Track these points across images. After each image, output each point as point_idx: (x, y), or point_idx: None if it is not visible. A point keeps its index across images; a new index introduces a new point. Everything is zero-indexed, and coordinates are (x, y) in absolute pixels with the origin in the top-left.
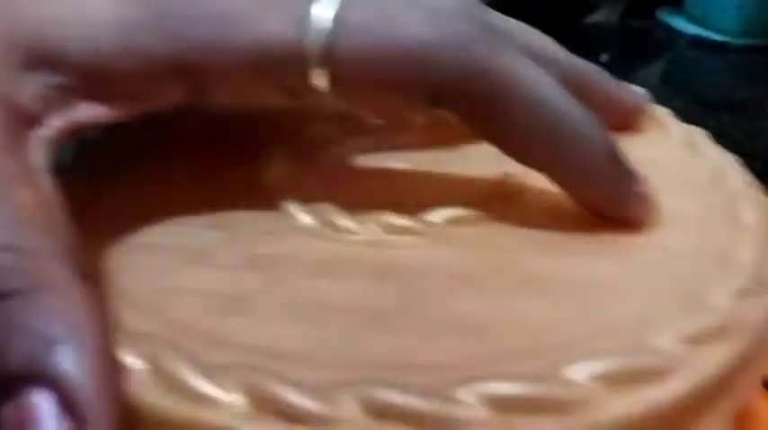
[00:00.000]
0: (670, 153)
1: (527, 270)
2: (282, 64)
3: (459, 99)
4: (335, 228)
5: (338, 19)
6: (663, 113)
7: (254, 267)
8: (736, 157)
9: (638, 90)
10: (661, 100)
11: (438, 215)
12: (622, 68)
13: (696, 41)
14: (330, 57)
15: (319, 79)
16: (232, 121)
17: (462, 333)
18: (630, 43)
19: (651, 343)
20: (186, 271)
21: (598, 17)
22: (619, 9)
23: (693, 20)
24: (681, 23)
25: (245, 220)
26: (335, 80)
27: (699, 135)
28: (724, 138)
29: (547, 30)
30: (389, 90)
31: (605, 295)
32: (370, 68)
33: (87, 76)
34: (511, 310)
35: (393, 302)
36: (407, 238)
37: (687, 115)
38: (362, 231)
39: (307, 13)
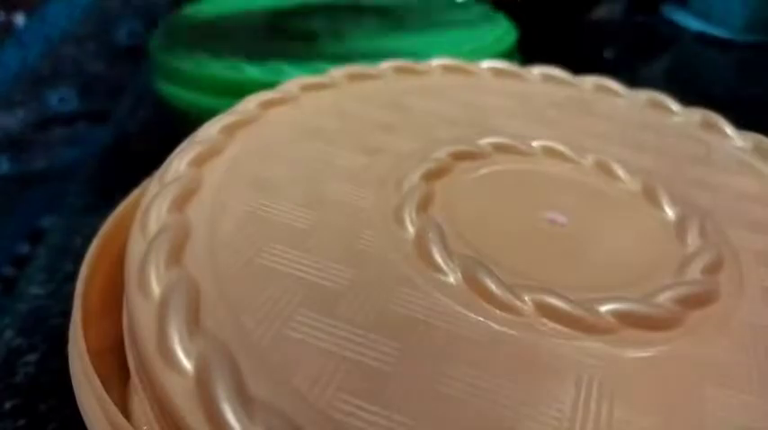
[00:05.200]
0: None
1: (717, 411)
2: None
3: None
4: (486, 296)
5: None
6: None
7: (386, 329)
8: None
9: None
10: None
11: (606, 305)
12: (626, 65)
13: (701, 38)
14: None
15: None
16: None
17: None
18: (635, 39)
19: None
20: (306, 318)
21: (602, 13)
22: (623, 5)
23: (698, 16)
24: (685, 19)
25: (376, 256)
26: None
27: None
28: None
29: (551, 25)
30: None
31: None
32: None
33: None
34: None
35: (548, 411)
36: (567, 330)
37: None
38: (516, 308)
39: None
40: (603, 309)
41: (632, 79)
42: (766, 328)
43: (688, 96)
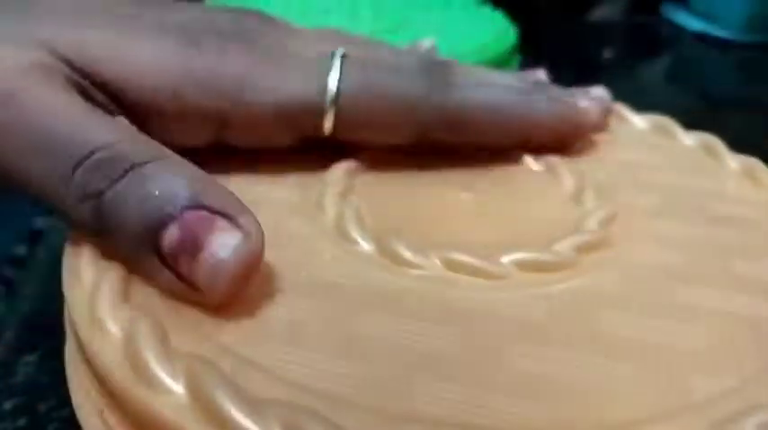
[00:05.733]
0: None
1: (606, 329)
2: (300, 115)
3: (437, 129)
4: (396, 259)
5: (343, 80)
6: (714, 142)
7: (308, 292)
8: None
9: (597, 92)
10: (665, 96)
11: (508, 256)
12: (626, 65)
13: (701, 37)
14: (338, 108)
15: (328, 124)
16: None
17: (527, 392)
18: (634, 39)
19: (737, 427)
20: None
21: (602, 13)
22: (623, 5)
23: (698, 16)
24: (685, 19)
25: (300, 237)
26: (340, 125)
27: (757, 163)
28: (728, 135)
29: (551, 26)
30: (384, 131)
31: (689, 365)
32: (367, 116)
33: (129, 107)
34: (583, 373)
35: (451, 348)
36: (472, 279)
37: (691, 112)
38: (424, 265)
39: (324, 81)
40: (505, 259)
41: (632, 79)
42: (652, 265)
43: (688, 96)
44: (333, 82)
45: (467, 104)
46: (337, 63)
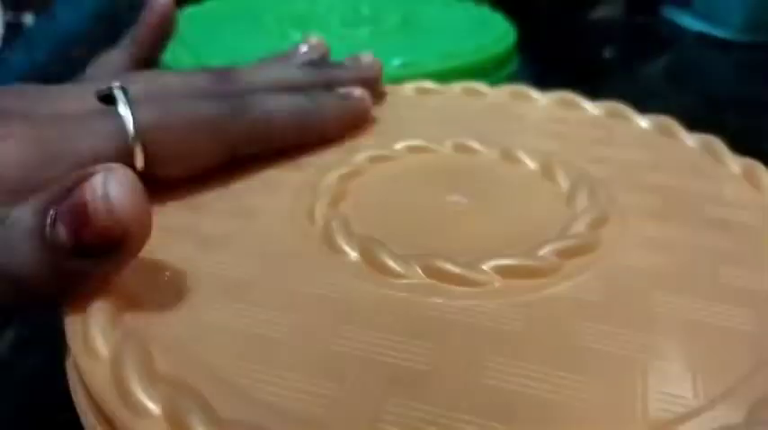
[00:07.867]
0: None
1: (582, 342)
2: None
3: (246, 144)
4: (380, 268)
5: (138, 121)
6: (717, 144)
7: (290, 306)
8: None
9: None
10: (665, 96)
11: (490, 262)
12: (626, 64)
13: (701, 38)
14: (144, 141)
15: (139, 162)
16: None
17: (494, 411)
18: (634, 39)
19: None
20: (222, 304)
21: (602, 13)
22: (623, 5)
23: (698, 16)
24: (685, 20)
25: (289, 247)
26: (151, 158)
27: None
28: (728, 135)
29: (551, 26)
30: (195, 155)
31: (659, 382)
32: (174, 145)
33: None
34: (554, 388)
35: (423, 362)
36: (452, 287)
37: (691, 112)
38: (407, 274)
39: (123, 127)
40: (486, 265)
41: (632, 79)
42: (637, 271)
43: (688, 96)
44: (129, 121)
45: (270, 118)
46: (120, 96)
